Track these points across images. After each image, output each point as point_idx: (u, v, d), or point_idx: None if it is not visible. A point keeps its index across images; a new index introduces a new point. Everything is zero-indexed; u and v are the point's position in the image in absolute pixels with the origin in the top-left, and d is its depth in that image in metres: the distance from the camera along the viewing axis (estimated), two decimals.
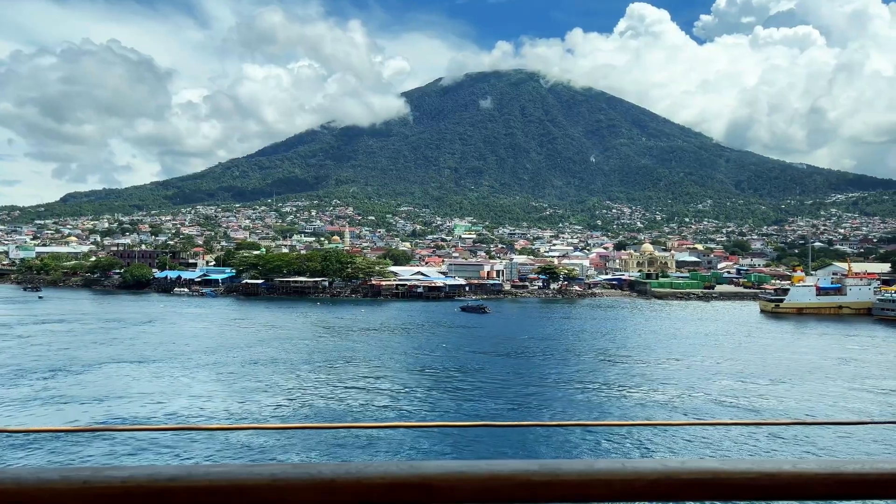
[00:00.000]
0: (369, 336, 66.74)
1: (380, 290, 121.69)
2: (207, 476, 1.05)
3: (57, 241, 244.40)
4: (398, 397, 37.49)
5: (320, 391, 38.68)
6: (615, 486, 1.10)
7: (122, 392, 37.42)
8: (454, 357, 52.86)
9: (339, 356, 52.18)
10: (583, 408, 35.37)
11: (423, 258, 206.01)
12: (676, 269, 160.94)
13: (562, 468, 1.11)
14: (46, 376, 41.89)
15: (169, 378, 41.87)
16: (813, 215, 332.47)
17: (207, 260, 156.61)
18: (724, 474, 1.12)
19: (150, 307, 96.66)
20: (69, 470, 1.04)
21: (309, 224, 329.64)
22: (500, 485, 1.09)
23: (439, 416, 33.69)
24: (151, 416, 32.32)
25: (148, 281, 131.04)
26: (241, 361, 48.63)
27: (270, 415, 33.13)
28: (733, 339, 68.57)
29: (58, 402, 34.89)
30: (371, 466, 1.09)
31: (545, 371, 46.67)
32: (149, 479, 1.04)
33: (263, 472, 1.06)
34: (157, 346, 56.14)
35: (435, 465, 1.11)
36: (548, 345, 61.81)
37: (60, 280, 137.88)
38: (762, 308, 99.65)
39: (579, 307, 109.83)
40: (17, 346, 54.60)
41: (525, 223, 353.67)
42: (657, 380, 43.44)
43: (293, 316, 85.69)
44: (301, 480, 1.06)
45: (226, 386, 39.83)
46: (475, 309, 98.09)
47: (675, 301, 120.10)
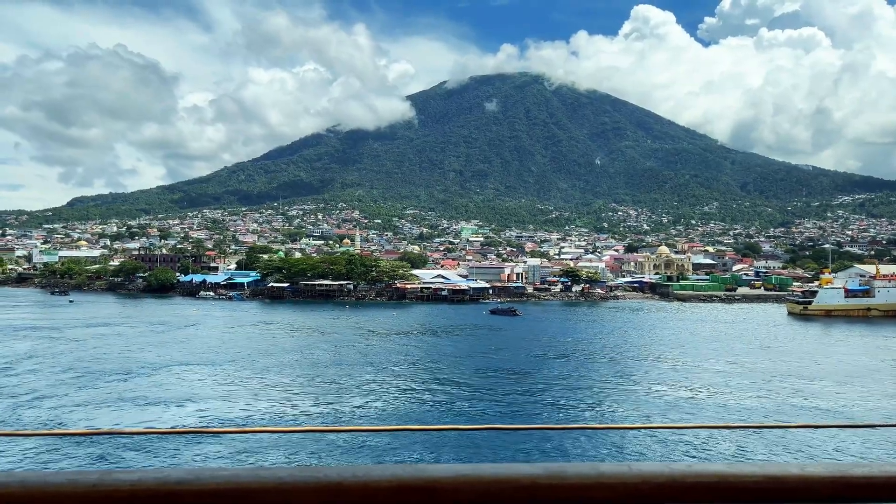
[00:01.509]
0: (415, 339, 67.38)
1: (404, 293, 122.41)
2: (214, 479, 1.06)
3: (67, 245, 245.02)
4: (474, 400, 38.19)
5: (392, 394, 39.39)
6: (621, 489, 1.10)
7: (207, 394, 38.05)
8: (508, 360, 53.54)
9: (398, 360, 52.83)
10: (650, 408, 36.07)
11: (437, 261, 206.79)
12: (692, 272, 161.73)
13: (567, 471, 1.12)
14: (123, 378, 42.55)
15: (241, 381, 42.45)
16: (820, 217, 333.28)
17: (227, 263, 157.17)
18: (730, 478, 1.12)
19: (184, 310, 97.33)
20: (77, 473, 1.05)
21: (316, 228, 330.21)
22: (505, 488, 1.09)
23: (507, 419, 34.49)
24: (248, 418, 33.02)
25: (172, 285, 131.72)
26: (305, 364, 49.29)
27: (353, 418, 33.84)
28: (773, 340, 69.30)
29: (151, 403, 35.54)
30: (377, 469, 1.10)
31: (598, 373, 47.23)
32: (157, 483, 1.04)
33: (270, 476, 1.07)
34: (214, 349, 56.78)
35: (441, 468, 1.11)
36: (590, 346, 62.46)
37: (85, 284, 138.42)
38: (790, 310, 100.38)
39: (605, 309, 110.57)
40: (79, 349, 55.23)
41: (531, 226, 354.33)
42: (715, 383, 44.04)
43: (330, 319, 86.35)
44: (307, 484, 1.06)
45: (303, 389, 40.45)
46: (506, 312, 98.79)
47: (698, 303, 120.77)
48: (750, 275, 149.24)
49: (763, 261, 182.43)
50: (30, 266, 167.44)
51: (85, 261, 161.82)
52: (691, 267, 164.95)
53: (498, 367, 49.19)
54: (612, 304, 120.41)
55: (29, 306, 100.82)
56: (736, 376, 46.61)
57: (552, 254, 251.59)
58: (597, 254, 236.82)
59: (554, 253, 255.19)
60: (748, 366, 51.26)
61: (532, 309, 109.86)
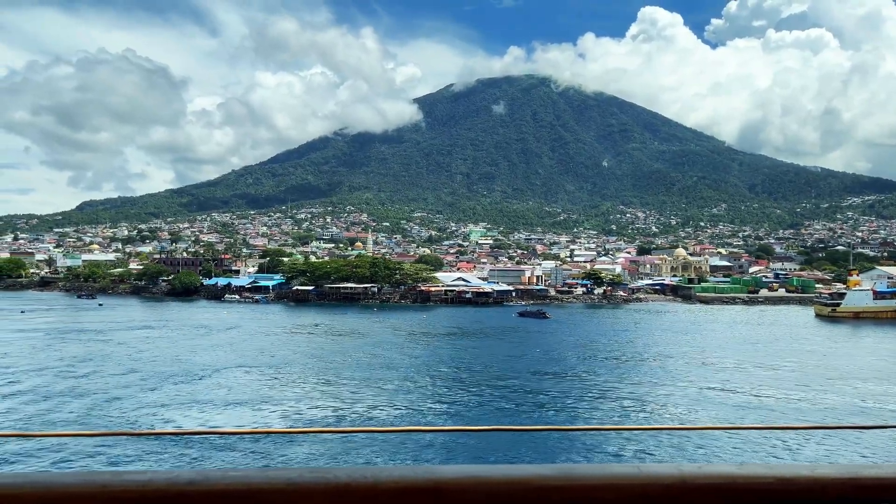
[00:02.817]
0: (455, 341, 67.93)
1: (428, 295, 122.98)
2: (224, 480, 1.06)
3: (79, 248, 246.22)
4: (539, 402, 38.77)
5: (450, 397, 39.97)
6: (630, 490, 1.10)
7: (284, 396, 38.66)
8: (556, 362, 54.09)
9: (448, 363, 53.39)
10: (718, 410, 36.60)
11: (451, 264, 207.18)
12: (710, 274, 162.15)
13: (576, 472, 1.11)
14: (190, 380, 43.15)
15: (306, 383, 43.01)
16: (829, 219, 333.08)
17: (247, 266, 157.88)
18: (740, 479, 1.11)
19: (216, 313, 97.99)
20: (88, 473, 1.06)
21: (325, 231, 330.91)
22: (513, 489, 1.09)
23: (580, 422, 35.09)
24: (339, 419, 33.60)
25: (196, 288, 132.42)
26: (359, 367, 49.88)
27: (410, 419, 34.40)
28: (812, 343, 69.81)
29: (235, 404, 36.15)
30: (385, 471, 1.10)
31: (652, 375, 47.67)
32: (167, 483, 1.05)
33: (279, 477, 1.08)
34: (265, 351, 57.38)
35: (449, 469, 1.11)
36: (633, 348, 62.98)
37: (109, 287, 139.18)
38: (818, 312, 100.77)
39: (631, 312, 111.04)
40: (132, 352, 55.84)
41: (539, 228, 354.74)
42: (770, 384, 44.50)
43: (364, 322, 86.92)
44: (316, 485, 1.07)
45: (371, 391, 41.03)
46: (535, 314, 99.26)
47: (721, 306, 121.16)
48: (769, 277, 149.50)
49: (779, 263, 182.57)
50: (50, 270, 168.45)
51: (105, 264, 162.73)
52: (709, 269, 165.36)
53: (548, 370, 49.66)
54: (635, 307, 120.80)
55: (63, 310, 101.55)
56: (787, 378, 47.11)
57: (563, 256, 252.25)
58: (609, 256, 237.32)
59: (565, 255, 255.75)
60: (798, 367, 51.78)
61: (557, 311, 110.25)
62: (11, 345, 59.69)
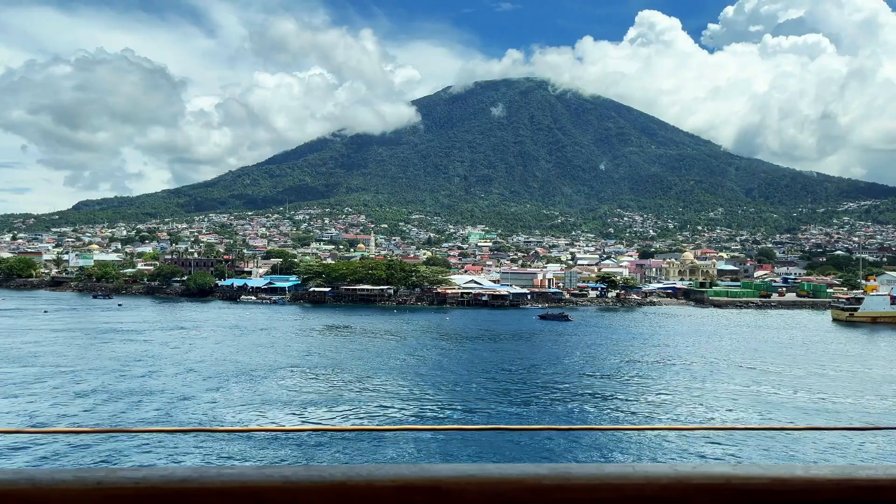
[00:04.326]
0: (486, 344, 68.26)
1: (445, 297, 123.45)
2: (220, 478, 1.06)
3: (79, 248, 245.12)
4: (611, 403, 39.41)
5: (509, 400, 40.55)
6: (625, 490, 1.10)
7: (349, 396, 39.11)
8: (597, 363, 54.71)
9: (489, 365, 53.86)
10: (776, 411, 37.35)
11: (458, 266, 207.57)
12: (717, 278, 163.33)
13: (572, 472, 1.11)
14: (249, 380, 43.45)
15: (362, 383, 43.40)
16: (825, 224, 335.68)
17: (258, 267, 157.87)
18: (735, 479, 1.11)
19: (240, 314, 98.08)
20: (83, 470, 1.05)
21: (324, 232, 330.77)
22: (510, 488, 1.09)
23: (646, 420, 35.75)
24: (418, 418, 34.08)
25: (211, 289, 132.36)
26: (403, 368, 50.42)
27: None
28: (839, 345, 70.92)
29: (305, 404, 36.55)
30: (382, 469, 1.09)
31: (696, 377, 48.38)
32: (162, 481, 1.04)
33: (275, 475, 1.07)
34: (309, 353, 57.68)
35: (446, 468, 1.11)
36: (666, 351, 63.39)
37: (122, 288, 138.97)
38: (835, 316, 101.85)
39: (648, 315, 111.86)
40: (178, 351, 56.05)
41: (538, 231, 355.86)
42: (811, 387, 45.36)
43: (391, 323, 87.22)
44: (312, 483, 1.06)
45: (429, 391, 41.55)
46: (556, 317, 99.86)
47: (734, 309, 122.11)
48: (777, 281, 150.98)
49: (784, 267, 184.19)
50: (59, 269, 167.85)
51: (112, 264, 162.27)
52: (716, 273, 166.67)
53: (595, 372, 50.17)
54: (650, 310, 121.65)
55: (85, 310, 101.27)
56: (828, 379, 48.04)
57: (563, 259, 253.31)
58: (613, 259, 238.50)
59: (566, 258, 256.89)
60: (831, 370, 52.73)
61: (574, 314, 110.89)
62: (57, 344, 59.79)
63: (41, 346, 58.97)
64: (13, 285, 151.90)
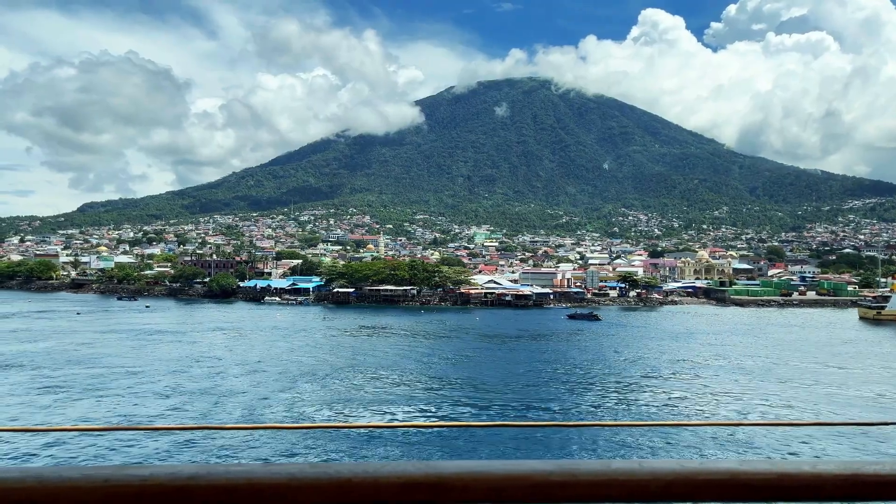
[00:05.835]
0: (526, 344, 68.35)
1: (468, 297, 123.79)
2: (227, 475, 1.06)
3: (87, 250, 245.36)
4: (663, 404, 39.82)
5: (566, 398, 40.96)
6: (631, 486, 1.10)
7: (424, 396, 39.48)
8: (640, 362, 55.08)
9: (541, 366, 54.18)
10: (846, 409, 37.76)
11: (471, 266, 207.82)
12: (734, 277, 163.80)
13: (578, 468, 1.11)
14: (315, 379, 43.73)
15: (422, 381, 43.86)
16: (831, 221, 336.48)
17: (277, 268, 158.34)
18: (741, 475, 1.11)
19: (269, 314, 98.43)
20: (91, 468, 1.06)
21: (330, 233, 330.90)
22: (515, 485, 1.09)
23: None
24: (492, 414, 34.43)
25: (233, 290, 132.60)
26: (460, 367, 50.83)
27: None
28: (879, 345, 71.51)
29: (391, 402, 36.90)
30: (387, 466, 1.10)
31: (751, 375, 48.95)
32: (169, 478, 1.05)
33: (281, 472, 1.07)
34: (362, 354, 57.99)
35: (450, 464, 1.11)
36: (708, 351, 63.52)
37: (145, 289, 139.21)
38: (862, 315, 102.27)
39: (673, 314, 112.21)
40: (236, 353, 56.25)
41: (542, 231, 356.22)
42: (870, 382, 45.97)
43: (424, 324, 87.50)
44: (318, 480, 1.06)
45: (496, 393, 41.91)
46: (586, 316, 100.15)
47: (756, 308, 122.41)
48: (795, 280, 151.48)
49: (797, 266, 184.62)
50: (78, 272, 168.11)
51: (129, 266, 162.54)
52: (732, 271, 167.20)
53: (639, 371, 50.30)
54: (673, 309, 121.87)
55: (117, 311, 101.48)
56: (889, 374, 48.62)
57: (572, 258, 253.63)
58: (623, 259, 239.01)
59: (574, 258, 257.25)
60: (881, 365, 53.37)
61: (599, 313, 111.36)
62: (112, 346, 60.02)
63: (94, 347, 59.20)
64: (34, 287, 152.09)
